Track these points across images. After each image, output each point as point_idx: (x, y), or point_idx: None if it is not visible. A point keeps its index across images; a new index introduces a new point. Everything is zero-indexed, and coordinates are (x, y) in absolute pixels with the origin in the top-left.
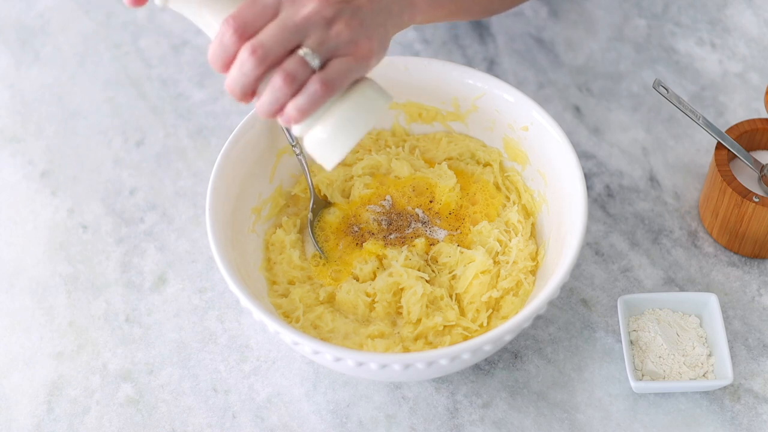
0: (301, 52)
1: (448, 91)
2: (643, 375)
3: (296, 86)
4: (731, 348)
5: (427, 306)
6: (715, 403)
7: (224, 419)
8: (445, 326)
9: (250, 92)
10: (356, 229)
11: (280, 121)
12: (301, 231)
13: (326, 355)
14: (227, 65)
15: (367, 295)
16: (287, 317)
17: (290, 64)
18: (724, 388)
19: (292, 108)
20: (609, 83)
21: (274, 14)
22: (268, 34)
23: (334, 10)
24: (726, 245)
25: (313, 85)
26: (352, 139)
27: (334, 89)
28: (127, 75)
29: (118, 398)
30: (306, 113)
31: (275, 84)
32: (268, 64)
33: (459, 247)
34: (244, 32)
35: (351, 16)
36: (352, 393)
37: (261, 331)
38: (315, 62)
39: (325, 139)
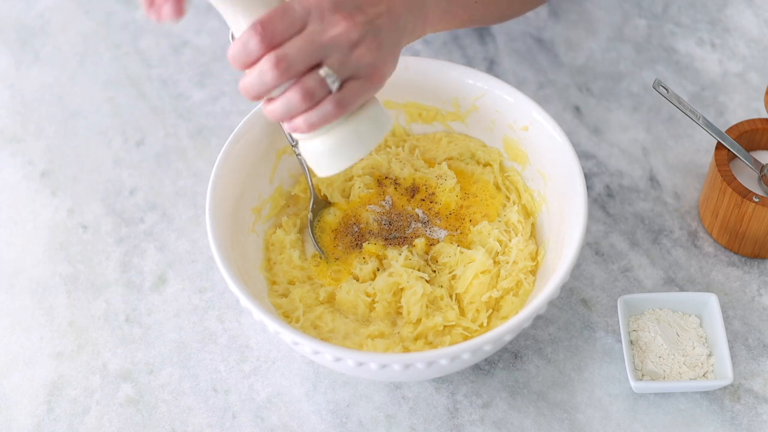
0: (322, 72)
1: (448, 91)
2: (643, 375)
3: (312, 103)
4: (731, 348)
5: (427, 306)
6: (715, 403)
7: (224, 419)
8: (445, 326)
9: (263, 97)
10: (356, 229)
11: (285, 126)
12: (301, 231)
13: (326, 355)
14: (248, 67)
15: (367, 295)
16: (287, 317)
17: (310, 81)
18: (724, 388)
19: (302, 121)
20: (609, 83)
21: (302, 28)
22: (294, 48)
23: (359, 33)
24: (726, 245)
25: (328, 105)
26: (349, 161)
27: (346, 110)
28: (127, 75)
29: (118, 398)
30: (314, 128)
31: (292, 98)
32: (289, 78)
33: (459, 247)
34: (271, 42)
35: (373, 38)
36: (352, 393)
37: (261, 331)
38: (335, 85)
39: (323, 152)
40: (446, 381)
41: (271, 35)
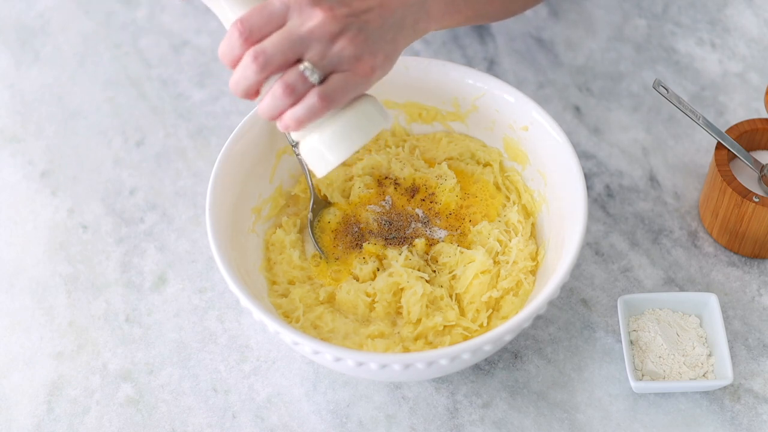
0: (302, 66)
1: (448, 91)
2: (643, 375)
3: (295, 97)
4: (731, 348)
5: (427, 306)
6: (715, 403)
7: (224, 419)
8: (445, 326)
9: (251, 93)
10: (356, 229)
11: (278, 125)
12: (301, 231)
13: (326, 355)
14: (234, 64)
15: (367, 295)
16: (287, 317)
17: (290, 76)
18: (724, 388)
19: (289, 117)
20: (609, 83)
21: (281, 23)
22: (272, 42)
23: (340, 25)
24: (726, 245)
25: (312, 99)
26: (344, 153)
27: (332, 104)
28: (127, 75)
29: (118, 398)
30: (302, 124)
31: (275, 92)
32: (269, 72)
33: (459, 247)
34: (250, 37)
35: (357, 31)
36: (352, 393)
37: (261, 331)
38: (314, 77)
39: (319, 149)
40: (446, 381)
41: (250, 31)
